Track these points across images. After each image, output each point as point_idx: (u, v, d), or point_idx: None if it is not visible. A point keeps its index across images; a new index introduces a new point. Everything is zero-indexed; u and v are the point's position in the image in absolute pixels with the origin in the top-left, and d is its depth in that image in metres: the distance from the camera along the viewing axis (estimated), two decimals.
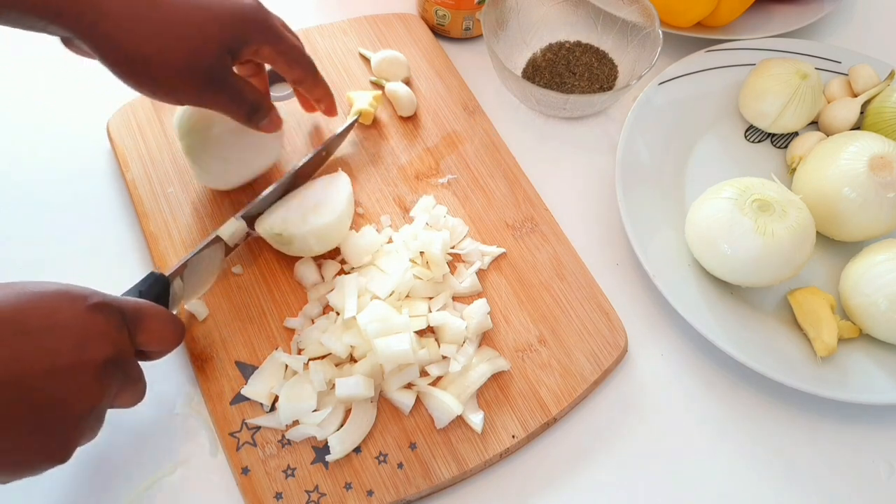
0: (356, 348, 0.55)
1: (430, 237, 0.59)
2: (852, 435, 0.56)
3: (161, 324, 0.47)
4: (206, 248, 0.55)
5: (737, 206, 0.56)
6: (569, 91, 0.70)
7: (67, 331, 0.41)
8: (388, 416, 0.54)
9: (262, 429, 0.53)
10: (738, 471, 0.55)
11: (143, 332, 0.46)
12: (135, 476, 0.52)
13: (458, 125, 0.68)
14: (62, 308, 0.42)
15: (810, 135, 0.67)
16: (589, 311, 0.59)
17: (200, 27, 0.50)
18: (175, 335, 0.48)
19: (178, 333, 0.49)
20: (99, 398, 0.42)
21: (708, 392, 0.58)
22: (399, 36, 0.73)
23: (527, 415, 0.54)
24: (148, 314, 0.47)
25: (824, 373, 0.56)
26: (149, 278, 0.52)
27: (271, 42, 0.54)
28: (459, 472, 0.52)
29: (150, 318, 0.47)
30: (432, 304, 0.57)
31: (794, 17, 0.76)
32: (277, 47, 0.55)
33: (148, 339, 0.47)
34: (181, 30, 0.50)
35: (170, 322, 0.48)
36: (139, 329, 0.46)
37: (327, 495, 0.51)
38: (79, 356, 0.41)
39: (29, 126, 0.68)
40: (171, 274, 0.53)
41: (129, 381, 0.45)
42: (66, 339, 0.41)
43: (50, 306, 0.42)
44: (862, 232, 0.60)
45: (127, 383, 0.45)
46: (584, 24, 0.74)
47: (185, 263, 0.54)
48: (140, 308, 0.46)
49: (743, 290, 0.61)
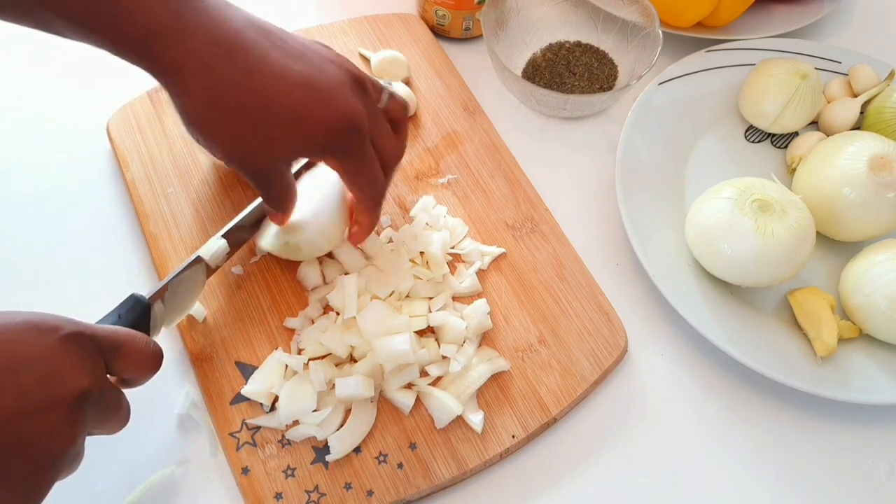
0: (356, 348, 0.55)
1: (430, 237, 0.59)
2: (852, 435, 0.56)
3: (137, 351, 0.44)
4: (187, 269, 0.53)
5: (737, 206, 0.56)
6: (569, 91, 0.70)
7: (35, 367, 0.38)
8: (388, 416, 0.54)
9: (262, 429, 0.53)
10: (738, 470, 0.55)
11: (118, 360, 0.43)
12: (135, 476, 0.52)
13: (458, 125, 0.68)
14: (28, 341, 0.39)
15: (810, 135, 0.67)
16: (589, 311, 0.59)
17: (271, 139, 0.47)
18: (153, 362, 0.46)
19: (155, 360, 0.46)
20: (73, 437, 0.40)
21: (708, 392, 0.58)
22: (399, 36, 0.73)
23: (527, 415, 0.54)
24: (124, 342, 0.44)
25: (824, 373, 0.56)
26: (128, 301, 0.49)
27: (340, 160, 0.51)
28: (459, 472, 0.52)
29: (126, 346, 0.44)
30: (432, 304, 0.57)
31: (794, 17, 0.76)
32: (345, 166, 0.51)
33: (124, 367, 0.44)
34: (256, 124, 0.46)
35: (146, 348, 0.45)
36: (115, 357, 0.43)
37: (327, 495, 0.51)
38: (48, 394, 0.38)
39: (29, 126, 0.68)
40: (151, 297, 0.50)
41: (108, 410, 0.43)
42: (33, 376, 0.38)
43: (14, 340, 0.38)
44: (862, 232, 0.60)
45: (107, 412, 0.43)
46: (584, 24, 0.74)
47: (166, 286, 0.52)
48: (116, 335, 0.43)
49: (743, 290, 0.61)
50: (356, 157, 0.50)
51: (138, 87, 0.67)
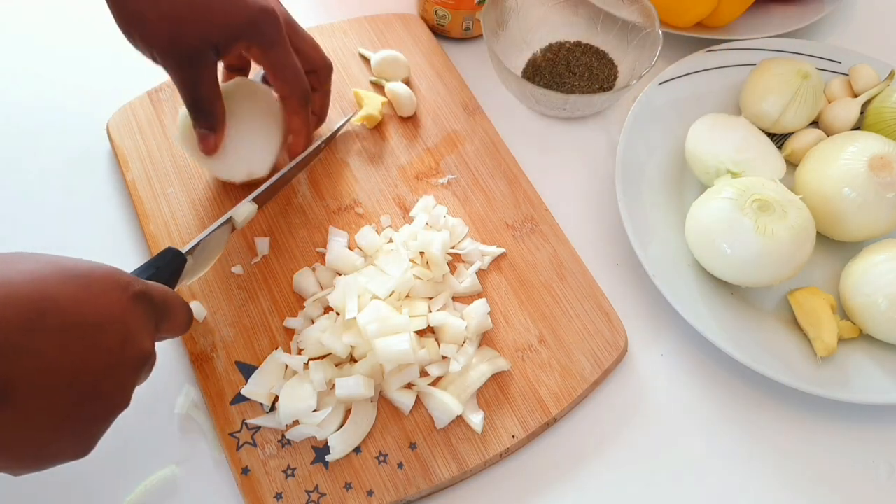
0: (356, 348, 0.55)
1: (430, 237, 0.59)
2: (852, 435, 0.56)
3: (181, 314, 0.46)
4: (219, 228, 0.55)
5: (737, 206, 0.56)
6: (569, 91, 0.70)
7: (116, 326, 0.39)
8: (388, 416, 0.54)
9: (262, 429, 0.53)
10: (738, 470, 0.55)
11: (167, 323, 0.45)
12: (135, 476, 0.52)
13: (458, 125, 0.68)
14: (110, 296, 0.40)
15: (810, 130, 0.66)
16: (589, 311, 0.59)
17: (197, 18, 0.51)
18: (188, 324, 0.48)
19: (190, 322, 0.48)
20: (130, 394, 0.41)
21: (708, 392, 0.58)
22: (399, 36, 0.73)
23: (527, 415, 0.54)
24: (173, 305, 0.45)
25: (824, 373, 0.56)
26: (166, 254, 0.50)
27: (262, 47, 0.55)
28: (459, 472, 0.52)
29: (175, 310, 0.45)
30: (432, 304, 0.57)
31: (794, 17, 0.76)
32: (267, 54, 0.55)
33: (169, 329, 0.45)
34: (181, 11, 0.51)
35: (187, 312, 0.47)
36: (164, 319, 0.44)
37: (327, 495, 0.51)
38: (124, 354, 0.40)
39: (29, 126, 0.68)
40: (186, 252, 0.51)
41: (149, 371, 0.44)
42: (116, 335, 0.39)
43: (99, 294, 0.39)
44: (862, 232, 0.60)
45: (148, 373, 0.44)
46: (584, 24, 0.74)
47: (199, 243, 0.53)
48: (167, 298, 0.45)
49: (743, 290, 0.61)
50: (278, 45, 0.55)
51: (138, 87, 0.68)
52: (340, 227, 0.62)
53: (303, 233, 0.62)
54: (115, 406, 0.41)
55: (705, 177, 0.63)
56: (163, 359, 0.57)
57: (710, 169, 0.62)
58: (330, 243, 0.60)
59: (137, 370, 0.41)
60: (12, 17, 0.75)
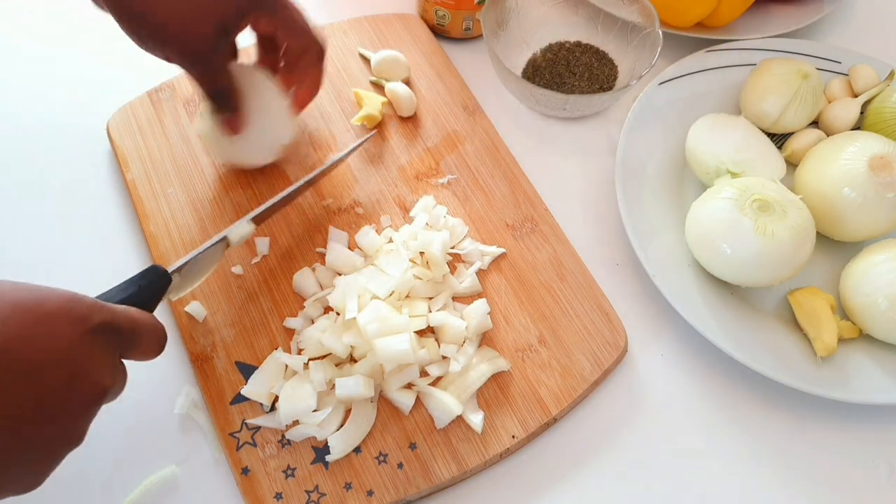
0: (356, 348, 0.55)
1: (430, 237, 0.59)
2: (852, 435, 0.56)
3: (152, 338, 0.44)
4: (212, 247, 0.54)
5: (737, 206, 0.56)
6: (569, 91, 0.70)
7: (63, 365, 0.37)
8: (388, 416, 0.54)
9: (262, 429, 0.53)
10: (738, 470, 0.55)
11: (134, 350, 0.43)
12: (135, 476, 0.52)
13: (458, 125, 0.68)
14: (58, 333, 0.37)
15: (809, 130, 0.66)
16: (589, 311, 0.59)
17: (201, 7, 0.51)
18: (161, 348, 0.45)
19: (163, 345, 0.45)
20: (83, 433, 0.39)
21: (708, 392, 0.58)
22: (399, 36, 0.73)
23: (527, 415, 0.54)
24: (142, 331, 0.43)
25: (824, 373, 0.56)
26: (150, 273, 0.48)
27: (268, 11, 0.54)
28: (459, 472, 0.52)
29: (144, 335, 0.43)
30: (432, 304, 0.57)
31: (794, 17, 0.76)
32: (275, 17, 0.55)
33: (138, 355, 0.43)
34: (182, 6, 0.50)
35: (159, 335, 0.45)
36: (132, 346, 0.42)
37: (327, 495, 0.51)
38: (71, 396, 0.37)
39: (29, 126, 0.68)
40: (173, 271, 0.50)
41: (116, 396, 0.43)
42: (61, 375, 0.36)
43: (44, 333, 0.36)
44: (862, 232, 0.60)
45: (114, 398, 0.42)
46: (584, 24, 0.74)
47: (188, 262, 0.52)
48: (136, 325, 0.42)
49: (743, 290, 0.61)
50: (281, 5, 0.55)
51: (138, 87, 0.68)
52: (340, 227, 0.62)
53: (303, 233, 0.62)
54: (64, 445, 0.38)
55: (705, 177, 0.63)
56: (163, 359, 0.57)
57: (710, 169, 0.62)
58: (330, 243, 0.60)
59: (90, 406, 0.39)
60: (12, 17, 0.75)
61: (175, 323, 0.57)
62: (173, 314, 0.58)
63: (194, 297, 0.58)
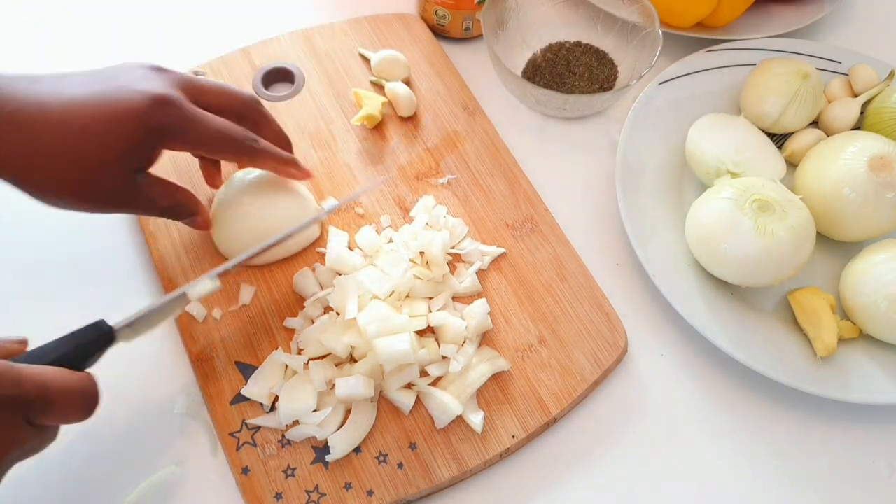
0: (356, 348, 0.55)
1: (430, 237, 0.59)
2: (852, 435, 0.56)
3: (66, 402, 0.42)
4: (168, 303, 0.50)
5: (737, 206, 0.56)
6: (569, 91, 0.70)
7: None
8: (388, 416, 0.54)
9: (262, 429, 0.53)
10: (738, 470, 0.55)
11: (44, 415, 0.41)
12: (135, 476, 0.52)
13: (458, 125, 0.68)
14: None
15: (809, 130, 0.66)
16: (589, 311, 0.59)
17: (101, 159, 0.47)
18: (85, 410, 0.43)
19: (87, 410, 0.43)
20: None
21: (708, 392, 0.58)
22: (399, 36, 0.73)
23: (527, 415, 0.54)
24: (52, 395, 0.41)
25: (824, 373, 0.56)
26: (93, 330, 0.46)
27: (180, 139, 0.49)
28: (459, 472, 0.52)
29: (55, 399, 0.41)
30: (432, 304, 0.57)
31: (794, 17, 0.76)
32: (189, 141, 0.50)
33: (49, 420, 0.41)
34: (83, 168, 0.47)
35: (84, 398, 0.43)
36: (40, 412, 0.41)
37: (327, 495, 0.51)
38: None
39: None
40: (120, 328, 0.47)
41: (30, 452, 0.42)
42: None
43: None
44: (862, 232, 0.60)
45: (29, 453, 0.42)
46: (584, 24, 0.74)
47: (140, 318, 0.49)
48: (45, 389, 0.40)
49: (743, 290, 0.61)
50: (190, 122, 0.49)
51: None
52: (340, 227, 0.62)
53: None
54: None
55: (705, 177, 0.63)
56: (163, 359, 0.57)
57: (710, 169, 0.62)
58: (330, 243, 0.60)
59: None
60: (12, 17, 0.75)
61: (175, 323, 0.57)
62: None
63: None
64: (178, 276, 0.59)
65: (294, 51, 0.71)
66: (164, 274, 0.59)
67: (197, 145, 0.51)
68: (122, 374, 0.56)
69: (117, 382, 0.55)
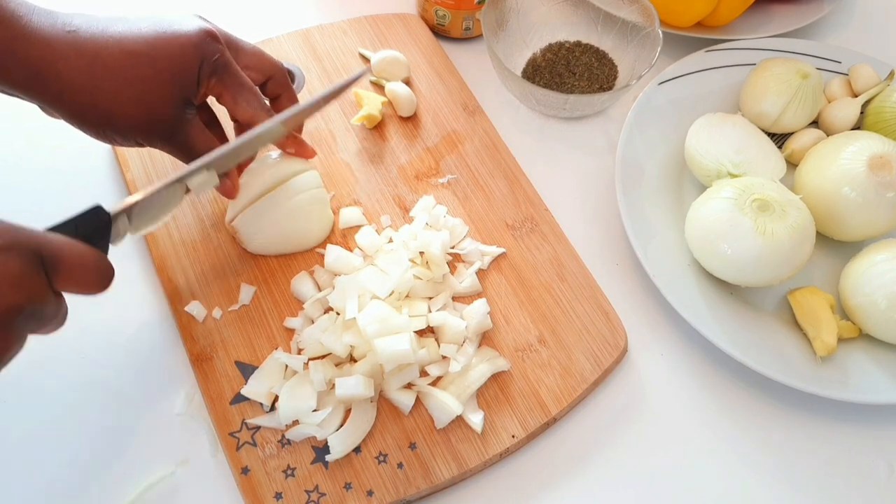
0: (356, 348, 0.55)
1: (430, 237, 0.59)
2: (852, 435, 0.56)
3: (83, 269, 0.42)
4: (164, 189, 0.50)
5: (737, 205, 0.56)
6: (569, 91, 0.70)
7: None
8: (388, 416, 0.54)
9: (262, 429, 0.53)
10: (738, 470, 0.55)
11: (60, 277, 0.41)
12: (135, 476, 0.52)
13: (458, 125, 0.68)
14: None
15: (809, 130, 0.66)
16: (589, 311, 0.59)
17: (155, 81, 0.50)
18: (99, 281, 0.44)
19: (102, 278, 0.44)
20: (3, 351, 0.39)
21: (708, 392, 0.58)
22: (399, 36, 0.73)
23: (527, 415, 0.54)
24: (68, 257, 0.42)
25: (824, 373, 0.56)
26: (90, 213, 0.46)
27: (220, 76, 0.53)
28: (459, 472, 0.52)
29: (71, 262, 0.42)
30: (432, 304, 0.57)
31: (794, 17, 0.76)
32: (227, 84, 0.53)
33: (66, 284, 0.42)
34: (138, 89, 0.50)
35: (94, 266, 0.43)
36: (57, 272, 0.41)
37: (327, 495, 0.51)
38: None
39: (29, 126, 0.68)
40: (115, 213, 0.47)
41: (44, 320, 0.42)
42: None
43: None
44: (862, 232, 0.60)
45: (43, 322, 0.42)
46: (584, 24, 0.74)
47: (135, 204, 0.49)
48: (60, 250, 0.41)
49: (743, 290, 0.61)
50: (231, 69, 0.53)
51: None
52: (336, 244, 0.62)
53: None
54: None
55: (705, 177, 0.63)
56: (163, 359, 0.57)
57: (709, 169, 0.62)
58: (329, 244, 0.60)
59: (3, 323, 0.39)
60: None
61: (175, 323, 0.57)
62: (173, 314, 0.58)
63: (194, 297, 0.58)
64: (179, 275, 0.59)
65: (294, 51, 0.71)
66: (165, 274, 0.59)
67: (232, 87, 0.54)
68: (123, 375, 0.56)
69: (117, 383, 0.56)
